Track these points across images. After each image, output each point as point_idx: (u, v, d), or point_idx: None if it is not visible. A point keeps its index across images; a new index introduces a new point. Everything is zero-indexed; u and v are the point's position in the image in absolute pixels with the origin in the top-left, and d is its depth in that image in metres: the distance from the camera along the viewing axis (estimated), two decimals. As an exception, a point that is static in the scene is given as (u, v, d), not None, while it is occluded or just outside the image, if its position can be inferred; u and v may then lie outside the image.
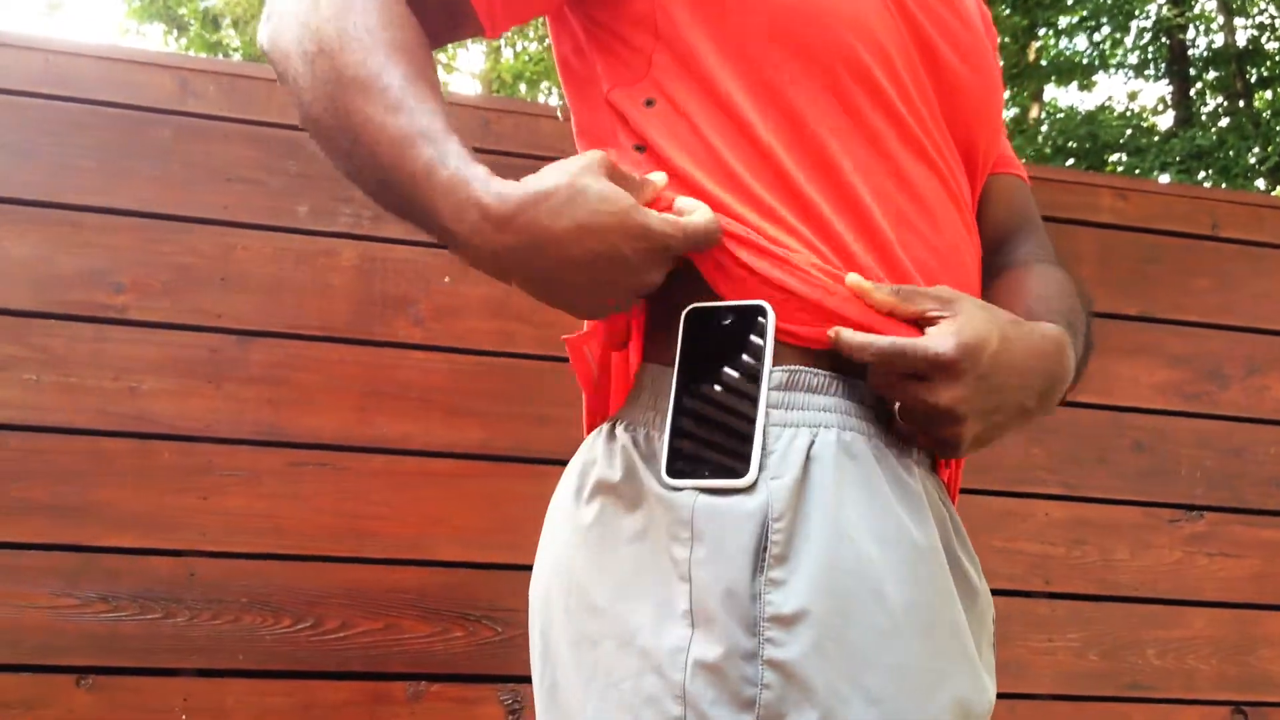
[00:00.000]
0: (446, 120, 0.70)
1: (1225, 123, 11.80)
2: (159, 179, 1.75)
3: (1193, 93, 12.65)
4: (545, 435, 1.80)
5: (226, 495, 1.70)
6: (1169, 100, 12.89)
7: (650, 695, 0.69)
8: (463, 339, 1.81)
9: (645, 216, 0.69)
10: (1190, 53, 12.55)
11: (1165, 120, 12.75)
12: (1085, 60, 12.82)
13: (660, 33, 0.79)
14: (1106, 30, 12.51)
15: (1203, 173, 10.51)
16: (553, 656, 0.79)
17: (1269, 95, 12.23)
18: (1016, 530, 1.99)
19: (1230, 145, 10.51)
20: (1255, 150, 10.64)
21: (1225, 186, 10.04)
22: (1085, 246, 2.10)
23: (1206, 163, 10.52)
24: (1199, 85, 12.75)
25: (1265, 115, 11.46)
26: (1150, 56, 12.73)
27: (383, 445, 1.77)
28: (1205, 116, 12.38)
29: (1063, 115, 12.76)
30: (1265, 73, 11.98)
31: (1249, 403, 2.13)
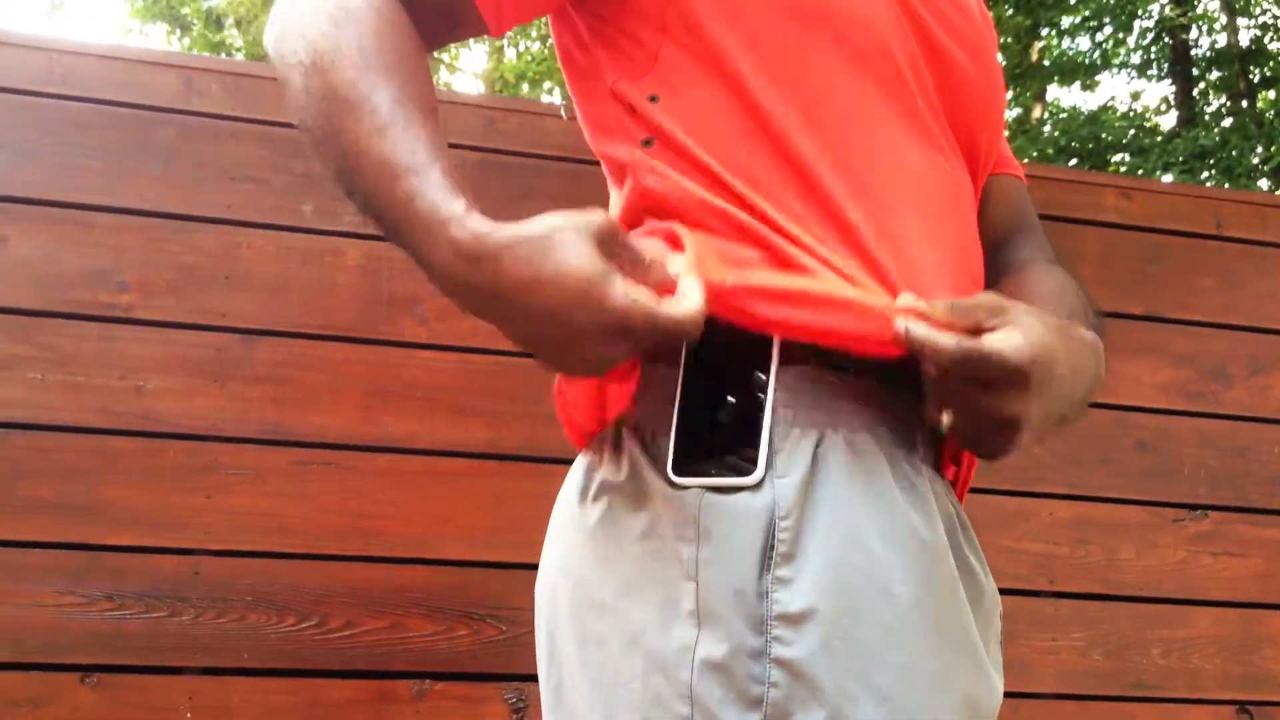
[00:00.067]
0: (433, 146, 0.69)
1: (1228, 123, 11.76)
2: (164, 178, 1.75)
3: (1196, 93, 12.61)
4: (551, 435, 1.77)
5: (232, 494, 1.70)
6: (1172, 100, 12.86)
7: (657, 695, 0.69)
8: (468, 338, 1.81)
9: (607, 289, 0.63)
10: (1193, 53, 12.51)
11: (1168, 120, 12.72)
12: (1088, 60, 12.78)
13: (669, 27, 0.79)
14: (1109, 30, 12.47)
15: (1206, 173, 10.47)
16: (559, 656, 0.79)
17: (1272, 95, 12.20)
18: (1021, 529, 1.98)
19: (1233, 145, 10.47)
20: (1258, 150, 10.60)
21: (1228, 187, 10.01)
22: (1089, 246, 2.10)
23: (1209, 163, 10.50)
24: (1202, 85, 12.71)
25: (1268, 115, 11.42)
26: (1153, 56, 12.69)
27: (388, 444, 1.77)
28: (1208, 117, 12.35)
29: (1065, 115, 12.72)
30: (1268, 73, 11.94)
31: (1253, 402, 2.13)
